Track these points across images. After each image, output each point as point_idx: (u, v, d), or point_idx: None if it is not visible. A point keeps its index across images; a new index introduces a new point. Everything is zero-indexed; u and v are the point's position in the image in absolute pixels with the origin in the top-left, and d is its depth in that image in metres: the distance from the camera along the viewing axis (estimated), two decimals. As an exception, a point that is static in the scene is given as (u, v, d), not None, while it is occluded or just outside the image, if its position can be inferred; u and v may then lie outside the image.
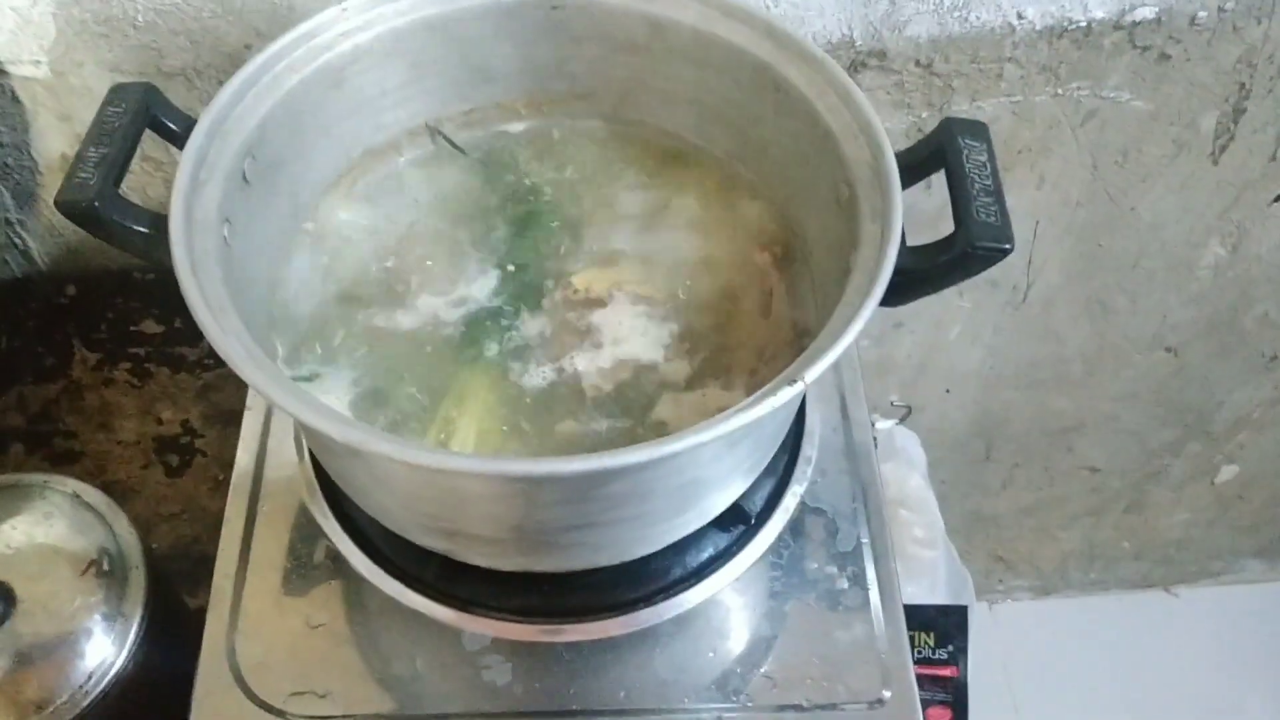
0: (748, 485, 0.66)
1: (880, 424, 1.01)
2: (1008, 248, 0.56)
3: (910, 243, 0.58)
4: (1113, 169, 1.00)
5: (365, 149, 0.73)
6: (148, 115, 0.61)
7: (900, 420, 1.03)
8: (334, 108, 0.68)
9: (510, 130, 0.76)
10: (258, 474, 0.73)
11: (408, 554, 0.66)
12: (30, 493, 0.81)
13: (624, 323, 0.67)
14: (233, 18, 0.80)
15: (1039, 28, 0.87)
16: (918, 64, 0.89)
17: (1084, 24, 0.87)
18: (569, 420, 0.63)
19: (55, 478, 0.82)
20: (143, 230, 0.57)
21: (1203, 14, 0.87)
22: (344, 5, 0.67)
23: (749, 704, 0.65)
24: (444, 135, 0.75)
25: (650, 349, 0.66)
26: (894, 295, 0.56)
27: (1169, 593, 1.72)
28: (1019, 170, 0.99)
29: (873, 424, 1.02)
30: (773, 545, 0.70)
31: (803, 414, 0.76)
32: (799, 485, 0.73)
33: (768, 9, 0.82)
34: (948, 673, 1.00)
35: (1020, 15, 0.86)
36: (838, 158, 0.62)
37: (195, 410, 1.10)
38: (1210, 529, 1.59)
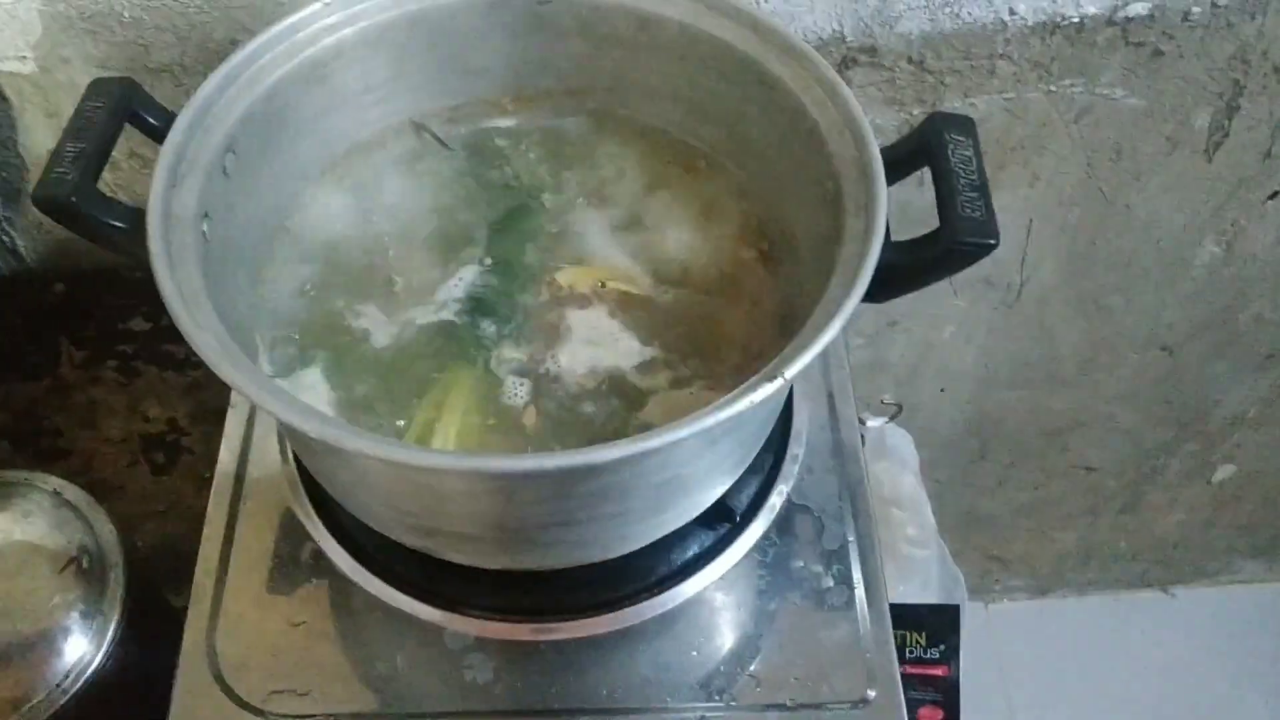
0: (732, 482, 0.66)
1: (871, 422, 1.01)
2: (992, 243, 0.56)
3: (900, 239, 0.57)
4: (1106, 166, 0.99)
5: (349, 144, 0.72)
6: (128, 110, 0.61)
7: (891, 419, 1.02)
8: (317, 103, 0.68)
9: (496, 125, 0.75)
10: (240, 472, 0.73)
11: (390, 552, 0.66)
12: (11, 490, 0.81)
13: (608, 320, 0.67)
14: (219, 13, 0.80)
15: (1031, 24, 0.86)
16: (909, 60, 0.88)
17: (1077, 20, 0.86)
18: (552, 417, 0.62)
19: (36, 475, 0.82)
20: (121, 226, 0.57)
21: (1196, 10, 0.86)
22: (327, 0, 0.66)
23: (733, 704, 0.64)
24: (429, 130, 0.74)
25: (635, 346, 0.66)
26: (878, 291, 0.55)
27: (1165, 593, 1.71)
28: (1012, 168, 0.99)
29: (862, 422, 1.02)
30: (758, 543, 0.70)
31: (790, 411, 0.75)
32: (785, 483, 0.73)
33: (756, 4, 0.82)
34: (939, 672, 0.99)
35: (1012, 11, 0.85)
36: (823, 153, 0.62)
37: (182, 408, 1.10)
38: (1207, 529, 1.59)
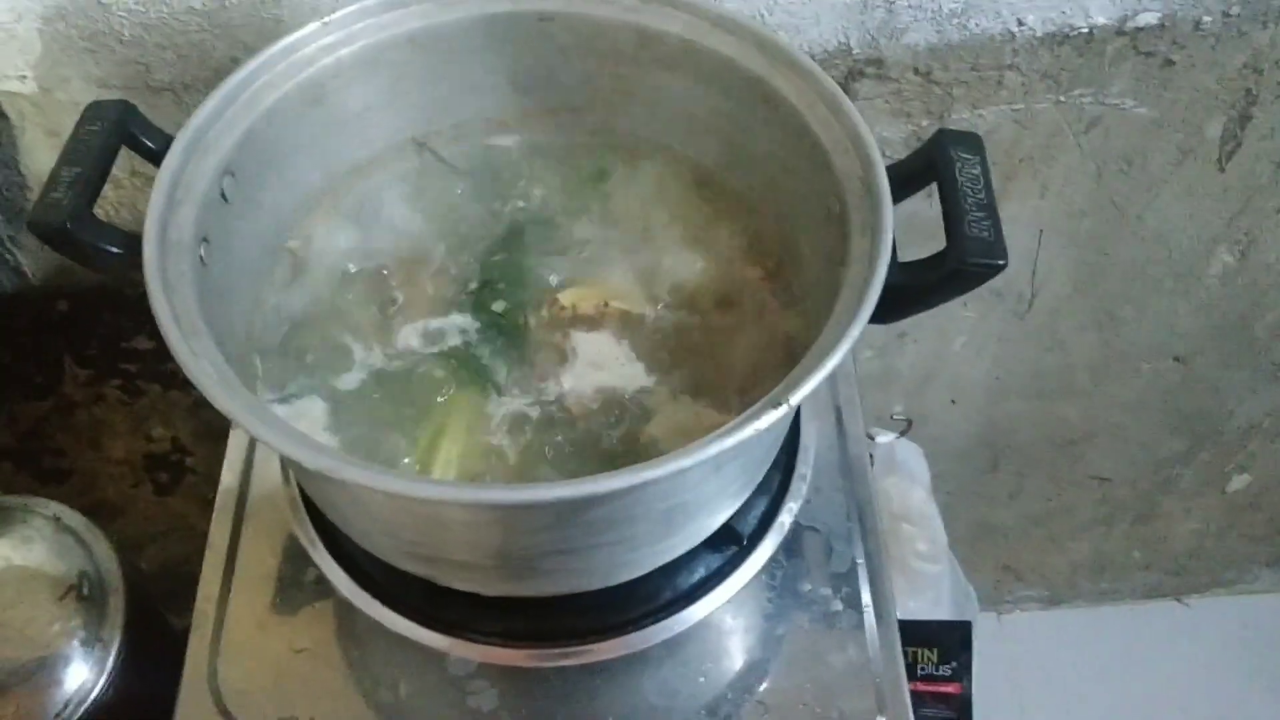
0: (737, 506, 0.65)
1: (881, 438, 1.00)
2: (1001, 264, 0.55)
3: (910, 252, 0.56)
4: (1117, 177, 0.98)
5: (350, 165, 0.71)
6: (124, 133, 0.60)
7: (901, 434, 1.01)
8: (316, 123, 0.67)
9: (499, 144, 0.75)
10: (243, 494, 0.73)
11: (393, 577, 0.65)
12: (10, 515, 0.80)
13: (612, 340, 0.66)
14: (219, 31, 0.79)
15: (1040, 34, 0.85)
16: (916, 72, 0.87)
17: (1086, 30, 0.85)
18: (556, 442, 0.61)
19: (36, 500, 0.81)
20: (116, 251, 0.56)
21: (1207, 19, 0.85)
22: (326, 19, 0.65)
23: (741, 730, 0.64)
24: (431, 149, 0.74)
25: (639, 367, 0.65)
26: (884, 313, 0.54)
27: (1180, 603, 1.70)
28: (1022, 179, 0.98)
29: (872, 438, 1.01)
30: (765, 566, 0.69)
31: (797, 429, 0.75)
32: (794, 502, 0.72)
33: (761, 18, 0.81)
34: (951, 689, 0.98)
35: (1020, 22, 0.84)
36: (828, 171, 0.61)
37: (186, 428, 1.09)
38: (1222, 538, 1.57)
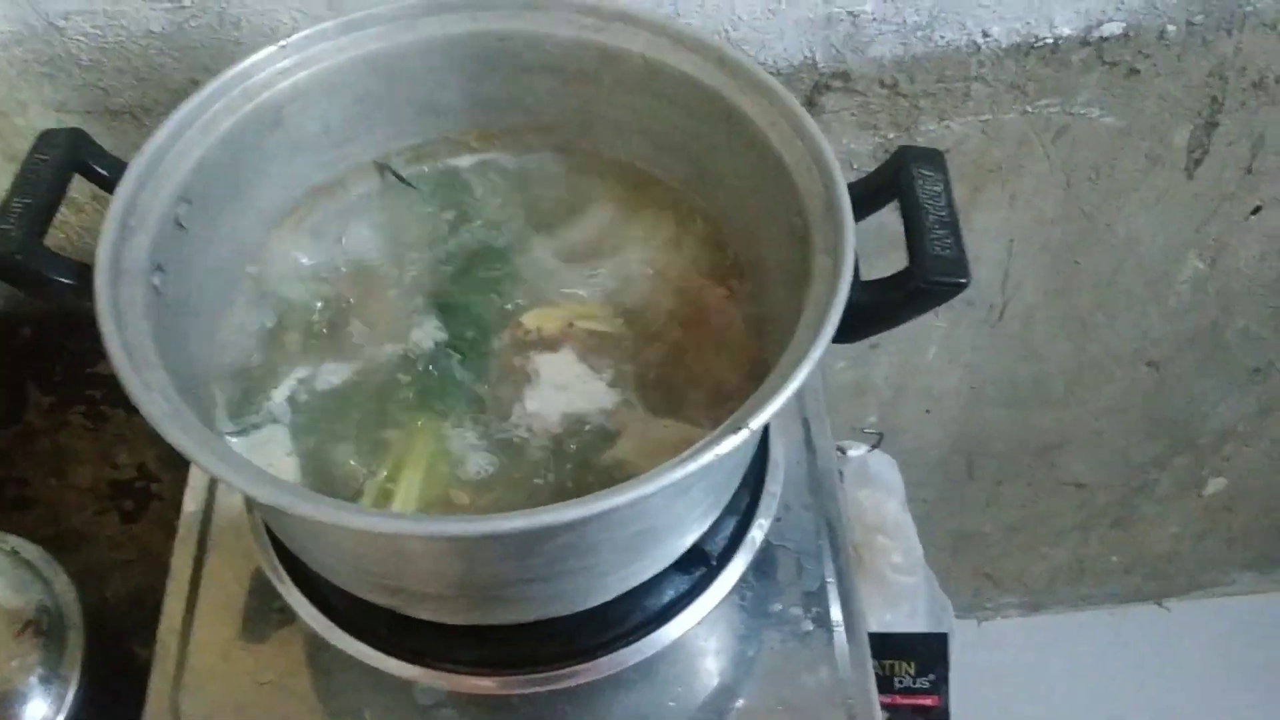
0: (706, 527, 0.64)
1: (853, 451, 0.99)
2: (963, 282, 0.54)
3: (879, 263, 0.56)
4: (1086, 185, 0.98)
5: (310, 187, 0.70)
6: (76, 162, 0.59)
7: (872, 448, 1.01)
8: (274, 147, 0.66)
9: (461, 164, 0.74)
10: (206, 522, 0.72)
11: (358, 607, 0.64)
12: (-34, 550, 0.79)
13: (577, 362, 0.65)
14: (178, 54, 0.79)
15: (1005, 45, 0.85)
16: (882, 85, 0.87)
17: (1051, 41, 0.85)
18: (521, 467, 0.61)
19: (-8, 533, 0.80)
20: (68, 281, 0.55)
21: (1171, 28, 0.85)
22: (283, 43, 0.65)
23: (712, 753, 0.63)
24: (392, 170, 0.73)
25: (605, 389, 0.64)
26: (847, 332, 0.53)
27: (1160, 606, 1.70)
28: (990, 189, 0.98)
29: (843, 452, 1.00)
30: (735, 586, 0.68)
31: (766, 446, 0.74)
32: (764, 519, 0.71)
33: (725, 34, 0.81)
34: (929, 702, 0.98)
35: (986, 33, 0.84)
36: (791, 188, 0.60)
37: (152, 452, 1.08)
38: (1200, 542, 1.58)
